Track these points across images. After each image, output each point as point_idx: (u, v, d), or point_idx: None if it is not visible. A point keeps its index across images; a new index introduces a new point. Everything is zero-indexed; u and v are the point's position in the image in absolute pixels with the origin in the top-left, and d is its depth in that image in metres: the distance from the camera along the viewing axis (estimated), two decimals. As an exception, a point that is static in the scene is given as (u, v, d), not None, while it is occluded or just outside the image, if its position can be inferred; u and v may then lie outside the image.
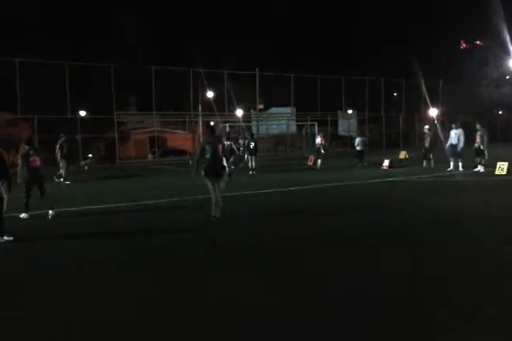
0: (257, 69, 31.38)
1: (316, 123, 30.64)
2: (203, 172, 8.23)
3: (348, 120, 35.69)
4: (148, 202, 11.12)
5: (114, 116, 28.99)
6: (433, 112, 41.82)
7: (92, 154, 31.04)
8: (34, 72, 25.23)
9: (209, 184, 8.29)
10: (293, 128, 33.42)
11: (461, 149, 16.29)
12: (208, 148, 8.18)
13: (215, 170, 8.19)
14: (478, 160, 16.11)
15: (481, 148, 16.01)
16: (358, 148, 20.46)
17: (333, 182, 14.12)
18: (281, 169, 20.27)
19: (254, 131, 30.53)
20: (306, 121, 32.31)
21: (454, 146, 16.39)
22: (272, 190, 12.60)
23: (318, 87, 33.07)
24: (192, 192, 12.08)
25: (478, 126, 16.53)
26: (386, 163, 18.48)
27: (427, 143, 18.59)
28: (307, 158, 23.74)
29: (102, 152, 35.83)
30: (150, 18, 42.12)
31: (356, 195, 11.62)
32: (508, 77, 47.44)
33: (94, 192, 13.81)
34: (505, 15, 37.80)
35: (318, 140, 20.71)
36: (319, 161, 20.11)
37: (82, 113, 31.73)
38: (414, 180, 14.29)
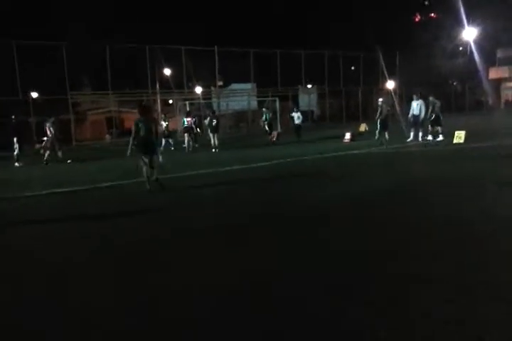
0: (215, 46, 30.71)
1: (277, 99, 30.44)
2: (135, 149, 9.01)
3: (308, 95, 35.68)
4: (107, 183, 10.78)
5: (68, 97, 27.89)
6: (390, 85, 42.45)
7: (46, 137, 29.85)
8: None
9: (142, 160, 9.03)
10: (254, 105, 33.11)
11: (422, 119, 16.62)
12: (141, 125, 8.83)
13: (146, 147, 8.93)
14: (436, 129, 16.47)
15: (440, 116, 16.29)
16: (296, 122, 20.55)
17: (297, 156, 14.10)
18: (244, 145, 20.14)
19: (215, 108, 30.07)
20: (267, 96, 32.04)
21: (416, 117, 16.70)
22: (234, 167, 12.45)
23: (278, 62, 32.78)
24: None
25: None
26: (347, 136, 18.62)
27: (378, 115, 18.69)
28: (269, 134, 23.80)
29: (57, 134, 34.50)
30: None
31: (320, 168, 11.64)
32: (461, 49, 48.54)
33: (51, 174, 13.31)
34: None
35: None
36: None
37: (34, 94, 30.35)
38: (376, 152, 14.46)
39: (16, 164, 16.30)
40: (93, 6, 37.43)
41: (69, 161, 16.94)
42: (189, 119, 19.34)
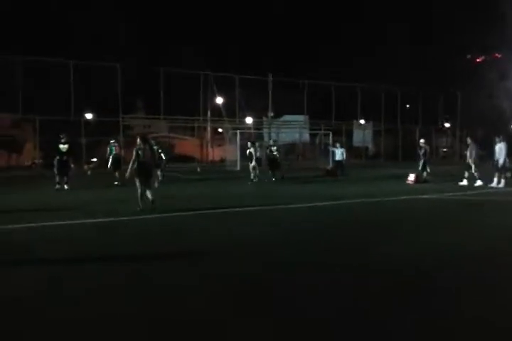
0: (270, 75, 30.14)
1: (330, 133, 29.26)
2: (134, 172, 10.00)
3: (363, 131, 34.30)
4: (152, 215, 9.71)
5: (120, 119, 27.80)
6: (447, 125, 40.59)
7: (96, 159, 29.79)
8: (37, 71, 24.06)
9: (137, 182, 10.07)
10: (306, 137, 32.05)
11: (503, 164, 15.25)
12: (140, 152, 10.05)
13: (143, 170, 10.00)
14: (466, 174, 15.72)
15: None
16: (337, 158, 20.02)
17: (362, 196, 12.59)
18: (301, 180, 18.82)
19: (265, 138, 29.23)
20: (320, 129, 30.94)
21: (497, 161, 15.41)
22: (297, 205, 11.12)
23: (333, 95, 31.77)
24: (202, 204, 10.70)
25: (468, 140, 16.07)
26: (412, 177, 16.99)
27: (422, 157, 17.49)
28: (322, 169, 22.66)
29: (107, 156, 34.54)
30: (159, 19, 41.13)
31: (399, 214, 10.12)
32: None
33: (89, 201, 12.43)
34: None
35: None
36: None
37: (88, 115, 30.57)
38: (453, 199, 12.76)
39: (57, 186, 15.44)
40: (149, 28, 38.09)
41: (116, 183, 16.40)
42: (252, 149, 18.77)
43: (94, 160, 28.44)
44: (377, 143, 35.82)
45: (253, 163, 18.22)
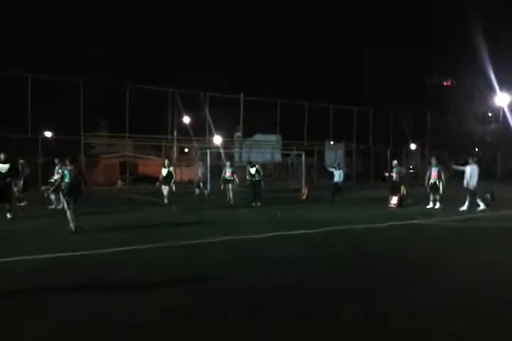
0: (241, 94, 29.20)
1: (303, 153, 28.36)
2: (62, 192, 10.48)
3: (335, 151, 33.62)
4: (100, 250, 8.28)
5: (82, 138, 26.03)
6: (413, 146, 40.61)
7: (54, 179, 27.73)
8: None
9: (65, 202, 10.45)
10: (278, 157, 31.04)
11: (475, 187, 14.63)
12: (66, 173, 10.28)
13: (71, 192, 10.19)
14: (431, 197, 15.39)
15: (437, 183, 15.22)
16: (336, 180, 18.25)
17: (349, 223, 11.49)
18: (275, 202, 17.62)
19: (236, 158, 28.05)
20: (292, 150, 30.00)
21: (468, 184, 14.76)
22: (282, 233, 9.90)
23: (306, 115, 31.06)
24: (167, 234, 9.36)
25: (433, 161, 15.68)
26: (394, 200, 16.09)
27: (395, 178, 17.03)
28: (297, 191, 21.64)
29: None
30: (126, 33, 39.90)
31: (397, 242, 9.06)
32: (490, 114, 46.89)
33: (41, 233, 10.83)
34: (489, 53, 37.42)
35: None
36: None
37: (48, 133, 28.60)
38: (444, 224, 11.83)
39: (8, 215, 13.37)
40: (115, 46, 36.77)
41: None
42: (229, 170, 17.86)
43: (53, 180, 26.45)
44: (348, 164, 35.17)
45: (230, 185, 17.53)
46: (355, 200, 18.41)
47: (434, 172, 15.48)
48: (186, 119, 33.52)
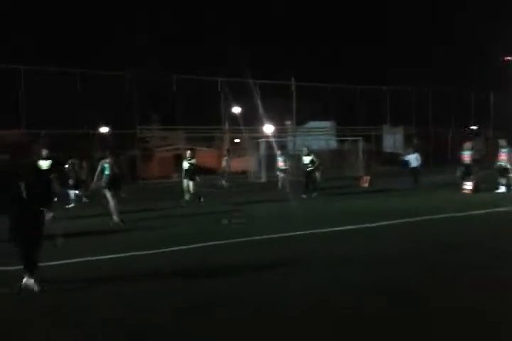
0: (292, 79, 28.20)
1: (360, 139, 27.17)
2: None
3: (393, 135, 32.03)
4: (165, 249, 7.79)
5: (137, 132, 26.05)
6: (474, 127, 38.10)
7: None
8: (41, 82, 22.17)
9: (107, 194, 10.46)
10: (333, 144, 29.91)
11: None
12: (106, 166, 10.48)
13: (112, 184, 10.47)
14: (502, 180, 14.34)
15: (506, 166, 14.25)
16: (412, 165, 17.21)
17: (434, 212, 10.40)
18: (334, 193, 16.74)
19: (290, 147, 27.25)
20: (347, 136, 28.82)
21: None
22: (342, 228, 9.10)
23: (359, 99, 29.65)
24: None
25: (502, 143, 14.69)
26: (469, 184, 14.81)
27: (468, 161, 15.43)
28: (354, 178, 20.74)
29: (124, 171, 32.71)
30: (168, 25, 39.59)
31: (485, 236, 8.06)
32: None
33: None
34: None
35: None
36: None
37: (104, 129, 28.81)
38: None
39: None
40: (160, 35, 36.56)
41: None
42: (281, 159, 17.92)
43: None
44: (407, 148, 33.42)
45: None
46: (424, 186, 17.12)
47: (503, 154, 14.48)
48: (236, 109, 32.97)
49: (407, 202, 13.08)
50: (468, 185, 14.80)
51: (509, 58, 50.42)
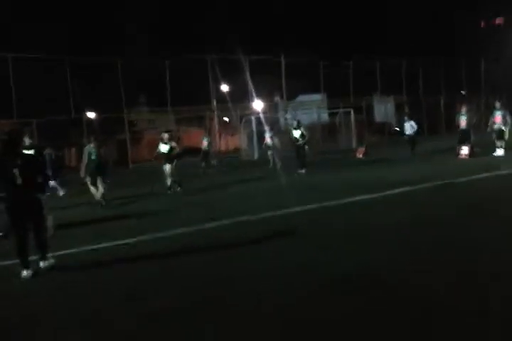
0: (282, 56, 27.72)
1: (351, 110, 26.90)
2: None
3: (384, 105, 31.78)
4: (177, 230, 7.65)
5: (124, 115, 25.60)
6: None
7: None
8: (30, 69, 21.62)
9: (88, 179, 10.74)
10: (325, 117, 29.63)
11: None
12: (92, 151, 10.68)
13: (99, 168, 10.75)
14: (498, 143, 14.31)
15: (502, 128, 14.27)
16: (407, 132, 17.08)
17: (436, 179, 10.29)
18: (330, 165, 16.64)
19: (281, 122, 27.01)
20: (339, 108, 28.52)
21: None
22: (359, 198, 8.96)
23: (351, 70, 29.27)
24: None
25: (497, 105, 14.70)
26: (465, 150, 14.75)
27: (464, 126, 15.25)
28: (349, 151, 20.66)
29: (113, 156, 32.34)
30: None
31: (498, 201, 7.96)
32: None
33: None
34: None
35: None
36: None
37: (91, 114, 28.28)
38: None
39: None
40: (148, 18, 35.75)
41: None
42: (268, 135, 17.27)
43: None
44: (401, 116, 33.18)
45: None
46: (420, 154, 17.00)
47: (498, 116, 14.47)
48: (225, 87, 32.46)
49: (406, 171, 12.98)
50: (464, 150, 14.74)
51: (499, 22, 49.99)
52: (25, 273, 5.44)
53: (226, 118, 38.48)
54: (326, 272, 4.74)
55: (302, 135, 14.77)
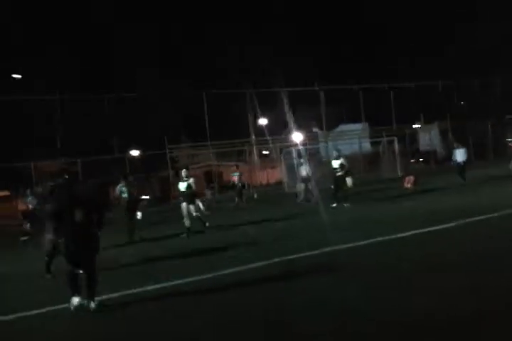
0: (315, 83, 27.64)
1: (395, 138, 26.23)
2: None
3: (428, 132, 30.86)
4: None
5: (167, 152, 25.86)
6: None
7: (148, 196, 27.76)
8: (72, 110, 22.33)
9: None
10: (367, 147, 29.02)
11: None
12: (124, 190, 11.35)
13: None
14: None
15: None
16: (458, 160, 16.27)
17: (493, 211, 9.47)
18: (377, 197, 15.89)
19: (322, 153, 26.58)
20: (381, 137, 27.88)
21: None
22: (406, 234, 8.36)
23: (392, 97, 28.78)
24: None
25: None
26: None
27: None
28: (393, 180, 19.87)
29: (156, 192, 32.59)
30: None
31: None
32: None
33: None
34: None
35: None
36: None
37: (135, 152, 28.74)
38: None
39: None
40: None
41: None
42: (303, 168, 16.70)
43: (147, 197, 26.61)
44: (444, 145, 32.06)
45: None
46: (476, 183, 16.01)
47: None
48: (263, 121, 32.57)
49: (466, 200, 12.09)
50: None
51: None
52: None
53: (265, 152, 38.44)
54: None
55: (342, 165, 14.01)
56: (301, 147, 28.91)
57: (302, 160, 17.71)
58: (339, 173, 14.00)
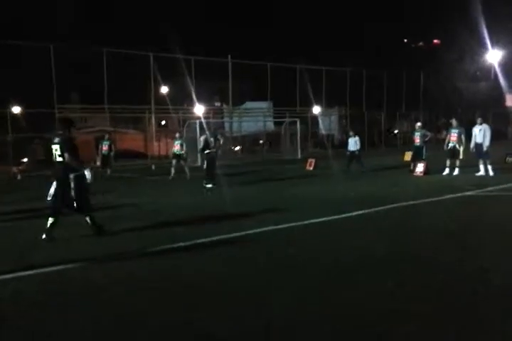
0: (229, 56, 26.56)
1: (298, 120, 26.31)
2: None
3: (329, 117, 31.54)
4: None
5: (56, 111, 23.20)
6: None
7: (27, 158, 24.82)
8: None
9: None
10: (270, 126, 28.83)
11: (488, 148, 13.51)
12: None
13: None
14: (451, 161, 14.03)
15: (457, 147, 13.85)
16: (351, 149, 16.44)
17: (401, 200, 9.48)
18: (278, 178, 15.52)
19: (227, 129, 25.93)
20: (285, 117, 27.84)
21: (479, 146, 13.57)
22: (330, 218, 7.98)
23: (298, 79, 28.71)
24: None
25: (454, 123, 14.51)
26: (420, 167, 14.35)
27: (419, 142, 15.01)
28: (292, 162, 19.90)
29: (39, 155, 29.40)
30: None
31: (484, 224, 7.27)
32: (478, 73, 45.25)
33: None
34: (483, 10, 35.55)
35: None
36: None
37: (16, 109, 25.49)
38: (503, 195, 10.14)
39: None
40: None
41: None
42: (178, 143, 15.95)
43: (25, 160, 23.80)
44: (342, 130, 33.15)
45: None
46: (370, 169, 16.41)
47: (454, 134, 14.18)
48: (164, 89, 30.82)
49: (360, 188, 12.12)
50: (419, 168, 14.36)
51: (437, 42, 52.40)
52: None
53: (163, 122, 36.82)
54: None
55: (216, 140, 12.67)
56: (205, 120, 27.88)
57: (177, 135, 16.63)
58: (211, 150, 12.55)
